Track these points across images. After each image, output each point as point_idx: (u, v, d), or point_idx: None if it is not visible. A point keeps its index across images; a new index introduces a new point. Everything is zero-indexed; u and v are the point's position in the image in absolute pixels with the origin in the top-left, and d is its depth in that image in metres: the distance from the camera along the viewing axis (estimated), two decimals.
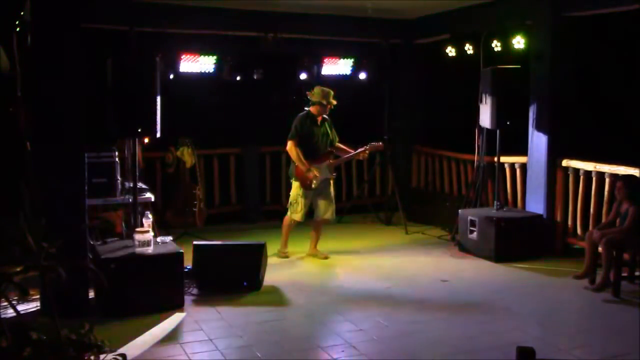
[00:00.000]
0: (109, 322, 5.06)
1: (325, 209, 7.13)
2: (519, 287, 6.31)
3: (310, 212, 7.24)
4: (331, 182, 7.20)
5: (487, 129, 7.70)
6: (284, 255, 7.26)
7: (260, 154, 9.31)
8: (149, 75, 5.77)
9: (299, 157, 6.98)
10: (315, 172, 6.97)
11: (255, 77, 8.53)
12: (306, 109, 7.14)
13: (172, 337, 4.94)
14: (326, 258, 7.21)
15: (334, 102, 7.06)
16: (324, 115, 7.12)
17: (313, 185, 7.00)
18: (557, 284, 6.37)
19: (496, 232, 7.13)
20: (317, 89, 7.07)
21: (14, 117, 4.18)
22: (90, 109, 5.41)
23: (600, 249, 5.98)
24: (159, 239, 5.94)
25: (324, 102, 6.99)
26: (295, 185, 7.10)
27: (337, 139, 7.27)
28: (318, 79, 8.86)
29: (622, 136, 7.43)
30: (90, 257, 5.56)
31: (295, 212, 7.10)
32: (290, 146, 7.03)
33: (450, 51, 8.47)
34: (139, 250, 5.51)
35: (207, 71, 8.32)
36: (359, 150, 7.26)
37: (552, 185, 7.49)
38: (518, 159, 8.01)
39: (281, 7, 8.48)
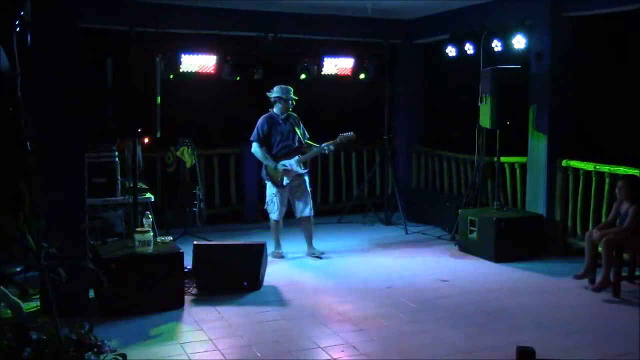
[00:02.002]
0: (109, 322, 5.06)
1: (303, 208, 7.15)
2: (519, 287, 6.31)
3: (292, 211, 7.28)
4: (306, 178, 7.19)
5: (487, 129, 7.70)
6: (278, 255, 7.23)
7: None
8: (149, 75, 5.77)
9: (265, 156, 7.05)
10: (287, 168, 7.00)
11: (255, 77, 8.53)
12: (270, 110, 7.17)
13: (172, 337, 4.94)
14: (321, 254, 7.19)
15: (295, 98, 7.10)
16: (290, 113, 7.15)
17: (284, 183, 7.01)
18: (557, 284, 6.37)
19: (496, 232, 7.13)
20: (276, 87, 7.13)
21: (14, 117, 4.18)
22: (90, 109, 5.41)
23: (600, 249, 5.98)
24: (159, 239, 5.94)
25: (284, 97, 7.03)
26: (269, 185, 7.14)
27: (307, 136, 7.29)
28: (318, 79, 8.88)
29: (622, 136, 7.43)
30: (90, 257, 5.56)
31: (273, 212, 7.14)
32: (254, 147, 7.12)
33: (450, 51, 8.47)
34: (139, 250, 5.51)
35: (207, 71, 8.33)
36: (326, 143, 7.16)
37: (552, 185, 7.49)
38: (518, 159, 8.01)
39: (281, 7, 8.48)
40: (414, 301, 5.84)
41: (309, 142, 7.29)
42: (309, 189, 7.22)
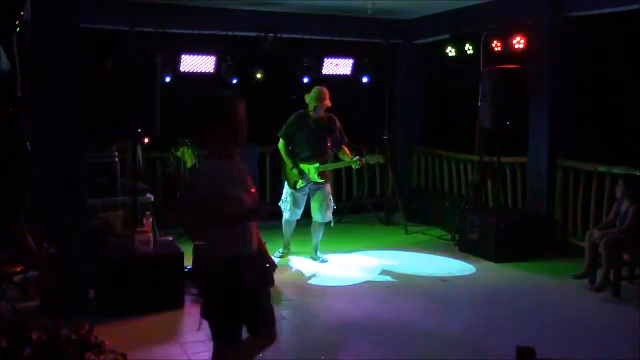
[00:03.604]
0: (109, 322, 5.06)
1: (315, 211, 7.00)
2: (519, 287, 6.31)
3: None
4: (327, 184, 7.00)
5: (487, 129, 7.70)
6: (279, 256, 7.17)
7: (260, 154, 9.31)
8: (149, 76, 5.78)
9: (286, 154, 6.93)
10: (302, 171, 6.84)
11: (255, 77, 8.53)
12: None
13: (172, 337, 4.94)
14: (323, 261, 7.14)
15: (324, 104, 6.78)
16: (330, 116, 6.96)
17: (297, 186, 6.91)
18: (557, 284, 6.37)
19: (496, 232, 7.13)
20: (312, 91, 6.86)
21: (14, 117, 4.18)
22: (90, 109, 5.42)
23: (600, 249, 5.98)
24: (159, 239, 5.94)
25: (312, 104, 6.76)
26: (286, 183, 7.07)
27: (346, 141, 7.01)
28: (318, 79, 8.87)
29: (622, 136, 7.43)
30: (90, 257, 5.56)
31: (285, 210, 7.07)
32: (279, 143, 7.00)
33: (450, 51, 8.46)
34: (139, 250, 5.51)
35: (207, 71, 8.33)
36: (352, 159, 6.95)
37: (552, 185, 7.49)
38: (518, 159, 8.01)
39: (281, 7, 8.48)
40: (414, 301, 5.84)
41: (345, 149, 7.02)
42: (328, 195, 6.98)
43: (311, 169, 6.87)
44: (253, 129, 7.36)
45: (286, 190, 7.06)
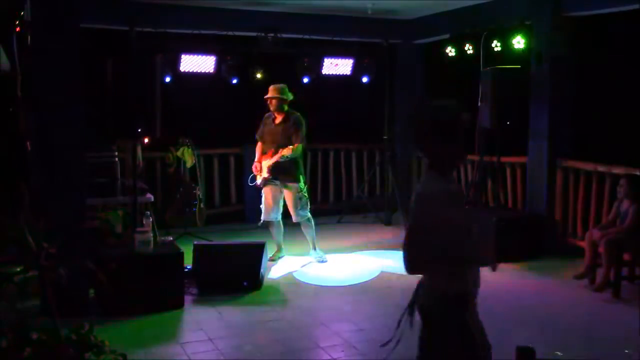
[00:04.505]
0: (109, 322, 5.06)
1: (292, 212, 6.95)
2: (519, 287, 6.31)
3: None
4: (294, 183, 6.86)
5: (487, 129, 7.70)
6: (269, 258, 6.99)
7: None
8: (149, 76, 5.78)
9: (256, 153, 7.07)
10: (259, 168, 6.94)
11: (255, 77, 8.54)
12: None
13: (172, 337, 4.95)
14: (323, 259, 7.14)
15: (270, 95, 6.85)
16: (293, 113, 6.91)
17: (258, 182, 6.97)
18: (557, 284, 6.37)
19: (496, 232, 7.12)
20: None
21: (14, 117, 4.18)
22: (90, 109, 5.42)
23: (600, 249, 5.98)
24: (158, 239, 5.94)
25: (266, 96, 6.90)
26: None
27: (295, 141, 6.77)
28: (318, 79, 8.87)
29: (622, 136, 7.43)
30: (90, 256, 5.56)
31: (262, 210, 7.10)
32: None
33: (450, 51, 8.47)
34: (139, 250, 5.51)
35: (207, 71, 8.33)
36: (277, 155, 6.80)
37: (552, 185, 7.49)
38: (518, 159, 8.01)
39: (281, 7, 8.49)
40: None
41: (289, 148, 6.76)
42: (295, 194, 6.87)
43: (264, 165, 6.92)
44: (253, 130, 7.42)
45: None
